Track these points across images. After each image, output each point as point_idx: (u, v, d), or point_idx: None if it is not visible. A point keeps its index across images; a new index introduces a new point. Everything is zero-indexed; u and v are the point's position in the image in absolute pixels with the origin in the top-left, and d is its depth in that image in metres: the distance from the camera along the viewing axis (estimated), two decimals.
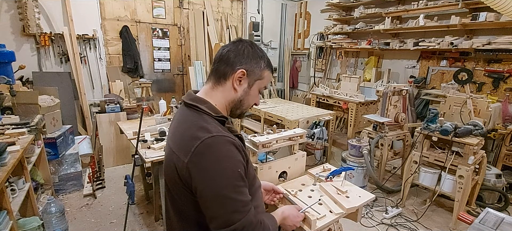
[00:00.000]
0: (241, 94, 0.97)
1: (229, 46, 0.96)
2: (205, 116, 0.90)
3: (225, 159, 0.83)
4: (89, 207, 2.86)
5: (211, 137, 0.83)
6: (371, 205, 2.92)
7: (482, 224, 1.16)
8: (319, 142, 3.33)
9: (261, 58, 0.97)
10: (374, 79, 4.81)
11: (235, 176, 0.84)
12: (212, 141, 0.82)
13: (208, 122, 0.88)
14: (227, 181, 0.82)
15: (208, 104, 0.93)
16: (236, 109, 1.00)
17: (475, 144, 2.39)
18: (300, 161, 1.56)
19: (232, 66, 0.93)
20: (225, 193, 0.82)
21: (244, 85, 0.96)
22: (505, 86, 3.41)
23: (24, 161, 2.06)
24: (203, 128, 0.85)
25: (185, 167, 0.83)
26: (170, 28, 5.15)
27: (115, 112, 3.77)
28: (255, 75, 0.96)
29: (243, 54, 0.94)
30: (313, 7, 6.15)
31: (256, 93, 1.00)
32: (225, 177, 0.82)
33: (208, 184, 0.82)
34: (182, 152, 0.85)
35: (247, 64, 0.94)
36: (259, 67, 0.96)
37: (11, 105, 2.51)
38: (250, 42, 0.98)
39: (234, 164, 0.84)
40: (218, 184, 0.82)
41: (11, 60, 2.91)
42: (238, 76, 0.94)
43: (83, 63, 4.31)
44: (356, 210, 1.28)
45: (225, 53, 0.95)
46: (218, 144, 0.83)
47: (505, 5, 2.66)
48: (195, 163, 0.82)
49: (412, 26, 4.04)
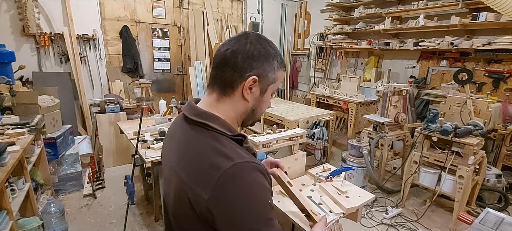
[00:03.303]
0: (253, 104, 0.81)
1: (233, 44, 0.77)
2: (219, 136, 0.75)
3: (253, 190, 0.70)
4: (89, 207, 2.85)
5: (234, 165, 0.68)
6: (371, 205, 2.92)
7: (482, 224, 1.16)
8: (319, 142, 3.33)
9: (274, 58, 0.80)
10: (374, 79, 4.81)
11: (265, 208, 0.71)
12: (236, 170, 0.68)
13: (225, 144, 0.73)
14: (258, 215, 0.70)
15: (220, 121, 0.77)
16: (248, 120, 0.86)
17: (475, 144, 2.39)
18: (300, 161, 1.56)
19: (240, 73, 0.76)
20: (256, 228, 0.69)
21: (256, 94, 0.80)
22: (505, 86, 3.41)
23: (24, 161, 2.06)
24: (222, 154, 0.70)
25: (205, 205, 0.69)
26: (170, 28, 5.15)
27: (115, 113, 3.77)
28: (268, 79, 0.80)
29: (254, 57, 0.76)
30: (313, 7, 6.15)
31: (269, 98, 0.86)
32: (255, 211, 0.69)
33: (237, 221, 0.68)
34: (200, 186, 0.70)
35: (259, 68, 0.77)
36: (272, 70, 0.80)
37: (11, 105, 2.51)
38: (257, 37, 0.80)
39: (263, 194, 0.71)
40: (248, 219, 0.68)
41: (11, 60, 2.90)
42: (249, 85, 0.77)
43: (83, 63, 4.31)
44: (356, 210, 1.28)
45: (229, 55, 0.76)
46: (244, 173, 0.70)
47: (505, 5, 2.66)
48: (219, 199, 0.68)
49: (412, 26, 4.04)
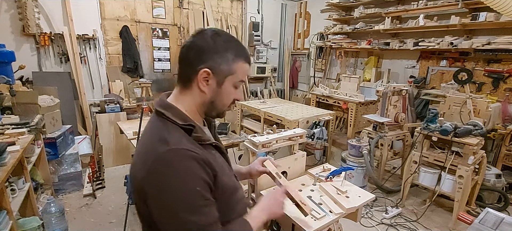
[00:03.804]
0: (211, 95, 0.86)
1: (188, 42, 0.84)
2: (170, 124, 0.82)
3: (182, 177, 0.74)
4: (88, 207, 2.86)
5: (168, 150, 0.75)
6: (371, 205, 2.92)
7: (482, 224, 1.16)
8: (319, 142, 3.33)
9: (226, 50, 0.83)
10: (374, 79, 4.82)
11: (194, 196, 0.74)
12: (169, 155, 0.74)
13: (171, 131, 0.80)
14: (185, 203, 0.74)
15: (175, 111, 0.84)
16: (211, 111, 0.90)
17: (475, 144, 2.39)
18: (300, 161, 1.56)
19: (193, 67, 0.82)
20: (183, 216, 0.73)
21: (212, 85, 0.84)
22: (505, 86, 3.41)
23: (24, 161, 2.06)
24: (163, 139, 0.77)
25: (140, 184, 0.78)
26: (170, 28, 5.15)
27: (115, 112, 3.77)
28: (223, 71, 0.84)
29: (204, 51, 0.81)
30: (313, 7, 6.15)
31: (231, 90, 0.88)
32: (181, 198, 0.74)
33: (164, 206, 0.75)
34: (140, 164, 0.79)
35: (210, 61, 0.82)
36: (226, 62, 0.83)
37: (11, 105, 2.51)
38: (212, 33, 0.84)
39: (193, 182, 0.75)
40: (174, 206, 0.74)
41: (11, 60, 2.90)
42: (203, 77, 0.82)
43: (83, 63, 4.31)
44: (356, 210, 1.28)
45: (184, 52, 0.84)
46: (175, 159, 0.75)
47: (505, 5, 2.66)
48: (150, 181, 0.75)
49: (412, 26, 4.04)
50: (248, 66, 0.90)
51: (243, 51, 0.87)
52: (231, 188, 0.90)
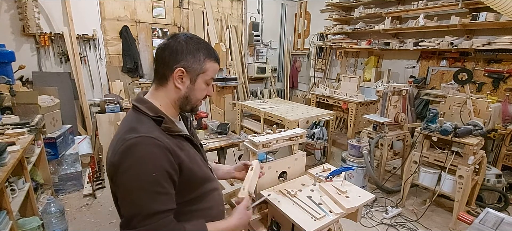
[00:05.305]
0: (185, 91, 0.95)
1: (163, 44, 0.93)
2: (142, 116, 0.89)
3: (143, 161, 0.80)
4: (89, 207, 2.86)
5: (136, 137, 0.81)
6: (371, 205, 2.92)
7: (482, 224, 1.16)
8: (319, 142, 3.33)
9: (197, 51, 0.93)
10: (374, 79, 4.82)
11: (150, 180, 0.80)
12: (136, 141, 0.81)
13: (142, 122, 0.88)
14: (140, 184, 0.79)
15: (148, 105, 0.92)
16: (185, 105, 0.98)
17: (475, 144, 2.39)
18: (300, 161, 1.56)
19: (169, 66, 0.91)
20: (136, 196, 0.79)
21: (186, 82, 0.94)
22: (505, 86, 3.41)
23: (24, 161, 2.06)
24: (133, 129, 0.84)
25: (110, 169, 0.85)
26: (170, 28, 5.15)
27: (115, 113, 3.77)
28: (195, 70, 0.93)
29: (178, 52, 0.90)
30: (313, 7, 6.15)
31: (203, 86, 0.97)
32: (138, 179, 0.79)
33: (122, 184, 0.81)
34: (111, 151, 0.86)
35: (184, 61, 0.91)
36: (197, 62, 0.93)
37: (11, 105, 2.51)
38: (185, 37, 0.94)
39: (152, 167, 0.80)
40: (129, 186, 0.80)
41: (11, 60, 2.90)
42: (178, 75, 0.91)
43: (83, 63, 4.31)
44: (356, 210, 1.28)
45: (160, 52, 0.93)
46: (140, 145, 0.81)
47: (505, 5, 2.66)
48: (117, 164, 0.81)
49: (412, 26, 4.04)
50: (218, 65, 1.00)
51: (212, 52, 0.97)
52: (201, 177, 0.97)
